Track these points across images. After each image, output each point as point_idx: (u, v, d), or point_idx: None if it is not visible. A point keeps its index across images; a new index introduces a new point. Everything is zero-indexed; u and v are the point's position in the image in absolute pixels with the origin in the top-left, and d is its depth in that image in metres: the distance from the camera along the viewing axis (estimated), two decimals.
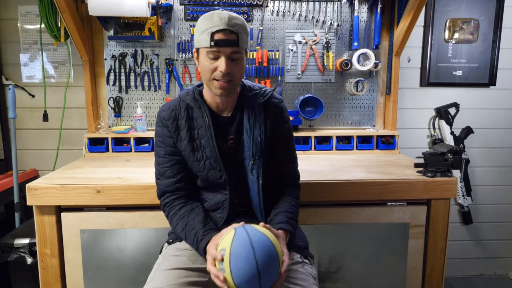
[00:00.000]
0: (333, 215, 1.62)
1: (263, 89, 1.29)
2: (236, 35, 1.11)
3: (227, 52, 1.11)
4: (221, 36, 1.10)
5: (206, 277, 1.18)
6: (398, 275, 1.67)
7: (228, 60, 1.12)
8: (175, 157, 1.25)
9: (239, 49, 1.13)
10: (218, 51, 1.11)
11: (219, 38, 1.10)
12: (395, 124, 2.22)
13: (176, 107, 1.24)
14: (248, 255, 0.97)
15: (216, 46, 1.10)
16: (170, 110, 1.24)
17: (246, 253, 0.97)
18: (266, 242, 1.00)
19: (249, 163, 1.22)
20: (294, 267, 1.18)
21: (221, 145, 1.24)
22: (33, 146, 2.27)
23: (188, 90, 1.26)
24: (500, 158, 2.46)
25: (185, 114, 1.23)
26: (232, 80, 1.15)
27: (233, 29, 1.10)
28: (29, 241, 1.80)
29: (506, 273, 2.57)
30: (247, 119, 1.23)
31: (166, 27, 2.14)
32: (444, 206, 1.64)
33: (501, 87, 2.37)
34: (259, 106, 1.24)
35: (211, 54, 1.12)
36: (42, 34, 2.15)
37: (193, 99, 1.23)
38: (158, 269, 1.17)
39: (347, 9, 2.18)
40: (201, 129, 1.22)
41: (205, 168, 1.23)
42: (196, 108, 1.23)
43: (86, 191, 1.52)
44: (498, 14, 2.27)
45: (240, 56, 1.14)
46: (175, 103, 1.25)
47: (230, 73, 1.13)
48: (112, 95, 2.18)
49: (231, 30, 1.10)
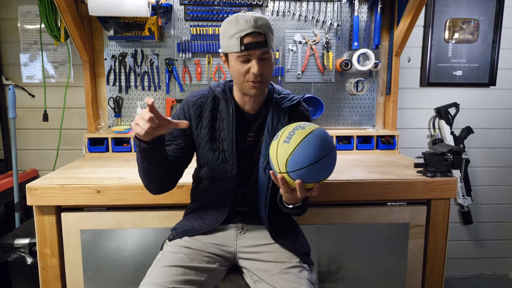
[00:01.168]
0: (333, 215, 1.62)
1: (292, 94, 1.33)
2: (264, 36, 1.14)
3: (258, 54, 1.14)
4: (250, 39, 1.12)
5: (203, 276, 1.18)
6: (398, 275, 1.67)
7: (259, 61, 1.14)
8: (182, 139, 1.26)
9: (268, 49, 1.16)
10: (249, 55, 1.14)
11: (248, 41, 1.12)
12: (395, 124, 2.22)
13: (204, 96, 1.28)
14: (323, 149, 1.00)
15: (247, 50, 1.13)
16: (198, 97, 1.28)
17: (323, 146, 1.00)
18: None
19: (263, 162, 1.23)
20: (291, 271, 1.17)
21: (239, 141, 1.26)
22: (33, 146, 2.27)
23: (220, 83, 1.30)
24: (500, 158, 2.46)
25: (211, 104, 1.26)
26: (265, 81, 1.19)
27: (261, 30, 1.13)
28: (29, 241, 1.80)
29: (506, 273, 2.57)
30: (270, 119, 1.25)
31: (166, 27, 2.14)
32: (444, 206, 1.64)
33: (501, 87, 2.37)
34: (284, 109, 1.27)
35: (242, 58, 1.15)
36: (42, 34, 2.15)
37: (222, 92, 1.27)
38: (156, 265, 1.18)
39: (347, 9, 2.18)
40: (224, 121, 1.25)
41: (218, 159, 1.25)
42: (223, 101, 1.26)
43: (86, 191, 1.52)
44: (498, 14, 2.27)
45: (269, 56, 1.18)
46: (204, 92, 1.29)
47: (263, 74, 1.16)
48: (112, 95, 2.18)
49: (259, 32, 1.12)
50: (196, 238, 1.27)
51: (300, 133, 1.00)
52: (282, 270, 1.18)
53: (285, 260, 1.21)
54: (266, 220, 1.25)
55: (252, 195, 1.29)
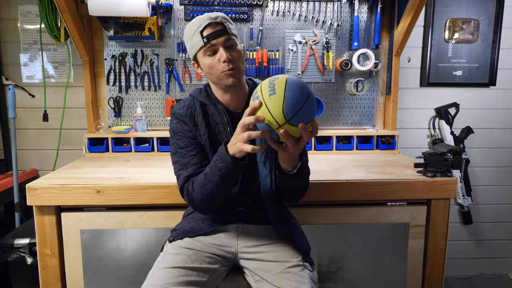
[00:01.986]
0: (333, 215, 1.62)
1: None
2: (222, 24, 1.16)
3: (221, 41, 1.16)
4: (210, 30, 1.15)
5: (204, 276, 1.18)
6: (398, 275, 1.67)
7: (225, 49, 1.16)
8: (199, 146, 1.24)
9: (230, 36, 1.17)
10: (213, 45, 1.15)
11: (208, 33, 1.15)
12: (395, 124, 2.22)
13: (191, 105, 1.26)
14: (304, 86, 1.01)
15: (209, 40, 1.15)
16: (186, 108, 1.26)
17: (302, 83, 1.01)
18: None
19: (261, 157, 1.22)
20: (293, 270, 1.17)
21: None
22: (33, 146, 2.27)
23: (200, 89, 1.29)
24: (500, 158, 2.46)
25: (200, 111, 1.25)
26: (237, 67, 1.17)
27: (217, 20, 1.16)
28: (29, 241, 1.80)
29: (506, 273, 2.57)
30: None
31: (166, 27, 2.14)
32: (444, 206, 1.64)
33: (501, 87, 2.37)
34: None
35: (209, 51, 1.16)
36: (42, 34, 2.15)
37: (207, 97, 1.26)
38: (158, 267, 1.18)
39: (347, 9, 2.18)
40: (219, 125, 1.24)
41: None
42: (212, 105, 1.25)
43: (86, 191, 1.52)
44: (498, 14, 2.27)
45: (233, 42, 1.18)
46: (189, 102, 1.27)
47: (232, 60, 1.16)
48: (112, 95, 2.18)
49: (216, 22, 1.15)
50: (196, 239, 1.27)
51: (280, 81, 1.00)
52: (284, 269, 1.18)
53: (286, 260, 1.21)
54: (273, 214, 1.24)
55: (254, 193, 1.28)
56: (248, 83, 1.31)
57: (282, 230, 1.26)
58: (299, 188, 1.24)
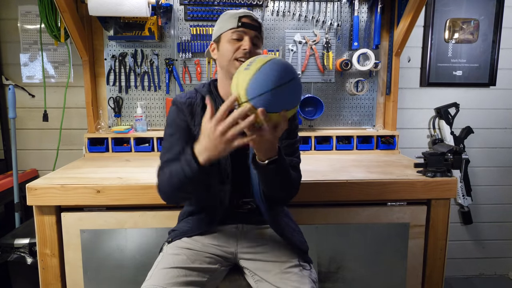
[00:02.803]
0: (333, 215, 1.62)
1: None
2: (259, 23, 1.23)
3: (252, 34, 1.20)
4: (247, 20, 1.20)
5: (204, 277, 1.18)
6: (398, 275, 1.67)
7: (251, 41, 1.20)
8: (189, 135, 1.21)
9: (260, 37, 1.23)
10: (244, 32, 1.19)
11: (246, 21, 1.20)
12: (395, 124, 2.22)
13: (192, 96, 1.27)
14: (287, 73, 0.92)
15: (243, 26, 1.19)
16: (187, 97, 1.26)
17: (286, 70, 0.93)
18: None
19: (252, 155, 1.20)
20: (293, 270, 1.17)
21: None
22: (33, 146, 2.27)
23: (204, 84, 1.31)
24: (500, 158, 2.46)
25: (200, 103, 1.25)
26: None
27: (257, 19, 1.23)
28: (29, 241, 1.80)
29: (506, 273, 2.57)
30: None
31: (166, 27, 2.14)
32: (444, 206, 1.64)
33: (501, 87, 2.37)
34: None
35: (236, 35, 1.19)
36: (42, 34, 2.15)
37: (208, 92, 1.28)
38: (157, 267, 1.17)
39: (347, 9, 2.18)
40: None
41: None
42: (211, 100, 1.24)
43: (86, 191, 1.52)
44: (498, 14, 2.27)
45: (259, 44, 1.23)
46: (191, 93, 1.29)
47: (252, 54, 1.17)
48: (112, 95, 2.18)
49: (255, 19, 1.22)
50: (196, 239, 1.27)
51: (260, 60, 0.94)
52: (284, 269, 1.18)
53: (286, 260, 1.21)
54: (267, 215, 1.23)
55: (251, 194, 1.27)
56: None
57: (278, 230, 1.26)
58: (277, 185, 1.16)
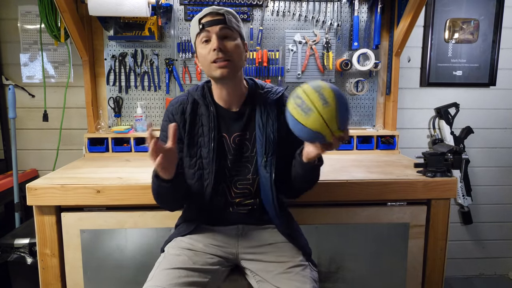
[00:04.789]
0: (333, 215, 1.62)
1: (275, 87, 1.30)
2: (222, 15, 1.15)
3: (215, 30, 1.14)
4: (208, 18, 1.15)
5: (206, 277, 1.18)
6: (398, 275, 1.67)
7: (218, 38, 1.14)
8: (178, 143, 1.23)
9: (228, 27, 1.15)
10: (208, 31, 1.14)
11: (206, 20, 1.15)
12: (395, 124, 2.22)
13: (184, 102, 1.26)
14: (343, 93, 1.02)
15: (204, 27, 1.15)
16: (178, 104, 1.26)
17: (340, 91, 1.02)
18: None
19: (262, 160, 1.21)
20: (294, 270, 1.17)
21: (228, 141, 1.24)
22: (33, 146, 2.27)
23: (198, 86, 1.28)
24: (500, 158, 2.46)
25: (190, 108, 1.24)
26: (230, 59, 1.14)
27: (219, 11, 1.16)
28: (29, 241, 1.80)
29: (506, 273, 2.57)
30: (259, 115, 1.22)
31: (166, 27, 2.14)
32: (444, 206, 1.64)
33: (501, 87, 2.37)
34: (271, 103, 1.24)
35: (203, 38, 1.16)
36: (42, 34, 2.15)
37: (201, 96, 1.25)
38: (159, 268, 1.18)
39: (347, 9, 2.18)
40: (204, 127, 1.22)
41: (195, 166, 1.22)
42: (204, 105, 1.24)
43: (86, 191, 1.52)
44: (498, 14, 2.27)
45: (231, 34, 1.16)
46: (183, 98, 1.27)
47: (224, 50, 1.13)
48: (112, 95, 2.18)
49: (217, 12, 1.15)
50: (197, 240, 1.27)
51: (327, 91, 1.00)
52: (285, 269, 1.18)
53: (288, 260, 1.21)
54: (274, 216, 1.24)
55: (252, 194, 1.27)
56: (249, 82, 1.29)
57: (284, 231, 1.26)
58: (312, 179, 1.23)
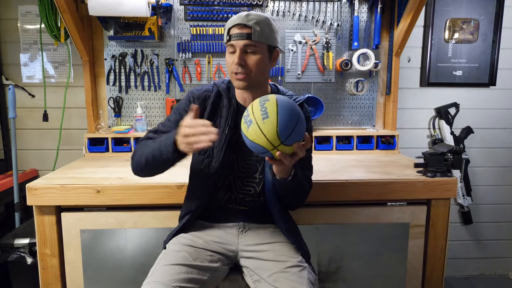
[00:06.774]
0: (333, 215, 1.62)
1: (295, 96, 1.34)
2: (250, 28, 1.15)
3: (240, 45, 1.16)
4: (235, 30, 1.17)
5: (205, 275, 1.19)
6: (398, 275, 1.67)
7: (242, 53, 1.17)
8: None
9: (253, 43, 1.17)
10: (233, 45, 1.17)
11: (233, 32, 1.17)
12: (395, 124, 2.22)
13: (209, 90, 1.30)
14: (294, 107, 1.02)
15: (230, 39, 1.18)
16: (202, 91, 1.29)
17: (292, 104, 1.02)
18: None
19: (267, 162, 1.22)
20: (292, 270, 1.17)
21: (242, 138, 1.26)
22: (33, 146, 2.26)
23: (224, 80, 1.32)
24: (500, 158, 2.46)
25: (213, 98, 1.27)
26: (248, 74, 1.18)
27: (248, 23, 1.15)
28: (29, 241, 1.80)
29: (506, 273, 2.57)
30: None
31: (166, 27, 2.14)
32: (444, 206, 1.64)
33: (501, 87, 2.37)
34: None
35: (230, 48, 1.19)
36: (42, 34, 2.15)
37: (226, 89, 1.29)
38: (159, 264, 1.19)
39: (347, 9, 2.18)
40: (222, 119, 1.26)
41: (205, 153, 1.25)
42: (226, 98, 1.27)
43: (86, 191, 1.52)
44: (498, 14, 2.27)
45: (255, 50, 1.18)
46: (208, 87, 1.31)
47: (243, 65, 1.17)
48: (112, 95, 2.18)
49: (245, 24, 1.15)
50: (198, 236, 1.28)
51: (270, 104, 1.00)
52: (283, 269, 1.18)
53: (286, 259, 1.21)
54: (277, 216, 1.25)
55: (256, 194, 1.29)
56: (271, 87, 1.33)
57: (285, 230, 1.27)
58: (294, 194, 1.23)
